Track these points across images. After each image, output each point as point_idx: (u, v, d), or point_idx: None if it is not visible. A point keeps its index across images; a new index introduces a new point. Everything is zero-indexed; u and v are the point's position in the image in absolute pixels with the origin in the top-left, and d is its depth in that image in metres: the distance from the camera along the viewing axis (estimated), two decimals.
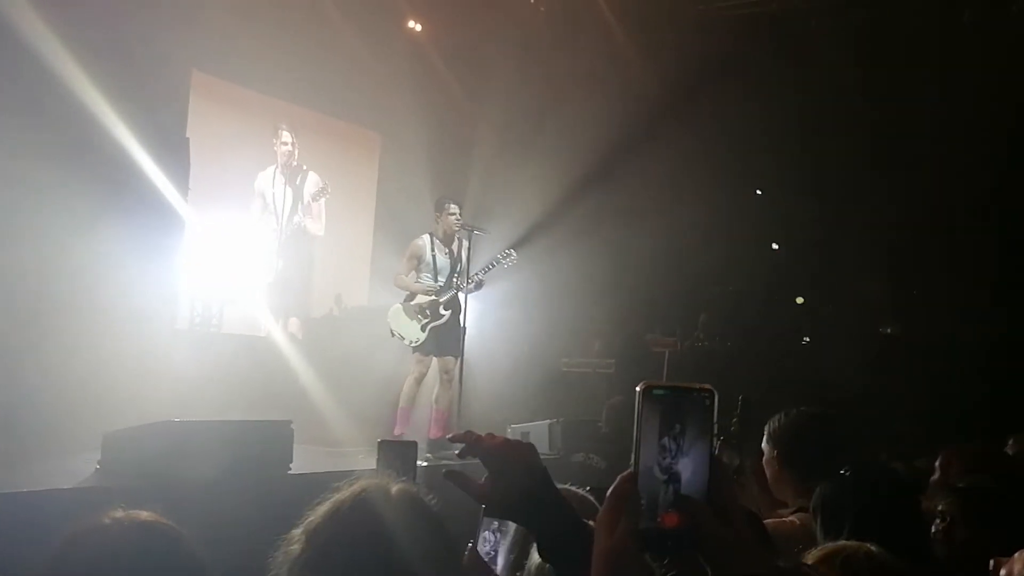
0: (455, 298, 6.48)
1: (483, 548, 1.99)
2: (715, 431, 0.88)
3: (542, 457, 1.43)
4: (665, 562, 0.89)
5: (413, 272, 6.56)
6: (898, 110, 8.81)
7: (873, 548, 1.63)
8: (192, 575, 1.54)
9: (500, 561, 1.99)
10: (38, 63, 5.02)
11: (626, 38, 8.85)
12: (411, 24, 8.57)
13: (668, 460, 0.86)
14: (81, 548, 1.48)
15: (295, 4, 7.36)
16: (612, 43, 8.86)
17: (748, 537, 0.87)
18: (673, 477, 0.86)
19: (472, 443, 1.32)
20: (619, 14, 8.74)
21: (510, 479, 1.30)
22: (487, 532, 2.07)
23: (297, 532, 1.43)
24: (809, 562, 1.61)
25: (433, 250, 6.57)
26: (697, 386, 0.88)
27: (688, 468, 0.86)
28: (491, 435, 1.34)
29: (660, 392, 0.88)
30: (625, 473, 0.87)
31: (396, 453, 1.78)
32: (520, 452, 1.33)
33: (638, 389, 0.87)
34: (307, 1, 7.39)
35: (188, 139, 6.40)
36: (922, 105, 8.60)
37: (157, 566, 1.49)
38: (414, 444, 1.87)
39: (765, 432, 2.76)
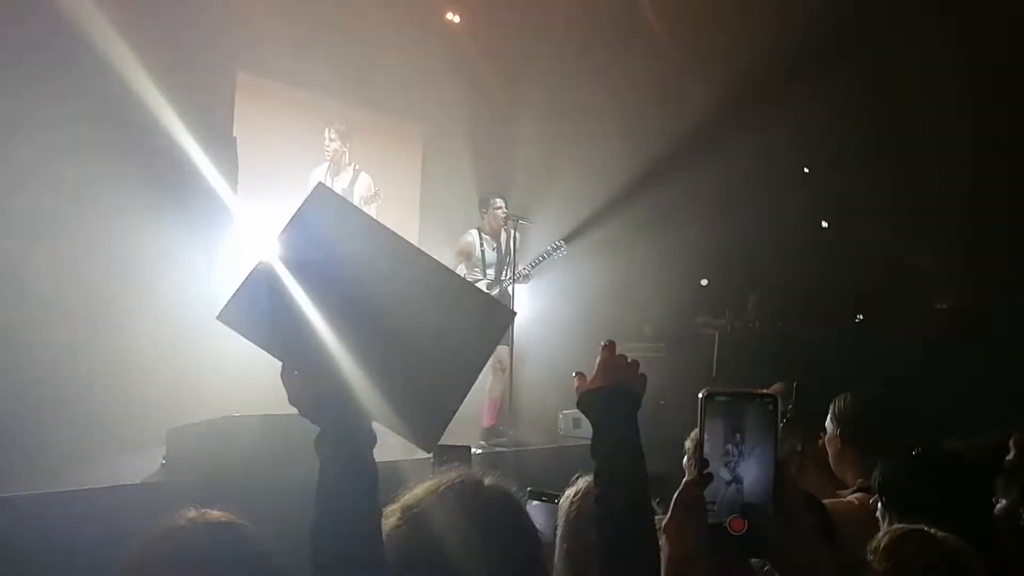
0: (505, 290, 6.52)
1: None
2: (778, 435, 0.88)
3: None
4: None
5: (462, 267, 6.63)
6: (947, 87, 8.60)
7: (939, 534, 1.60)
8: (266, 573, 1.58)
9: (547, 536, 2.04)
10: (95, 61, 5.14)
11: (664, 27, 8.75)
12: (450, 16, 8.57)
13: (732, 464, 0.87)
14: (158, 551, 1.52)
15: (331, 0, 7.40)
16: (651, 32, 8.76)
17: (815, 542, 0.89)
18: (737, 480, 0.87)
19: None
20: (656, 1, 8.64)
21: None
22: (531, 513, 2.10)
23: (393, 507, 1.46)
24: (876, 546, 1.60)
25: (482, 245, 6.65)
26: (760, 392, 0.90)
27: (752, 472, 0.87)
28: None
29: (723, 399, 0.89)
30: (690, 479, 0.89)
31: (452, 456, 1.83)
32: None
33: (700, 396, 0.88)
34: None
35: (235, 138, 6.50)
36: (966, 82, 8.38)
37: (233, 566, 1.53)
38: (467, 449, 1.91)
39: (830, 410, 2.76)
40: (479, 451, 5.91)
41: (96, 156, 4.99)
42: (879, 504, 2.12)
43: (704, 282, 10.28)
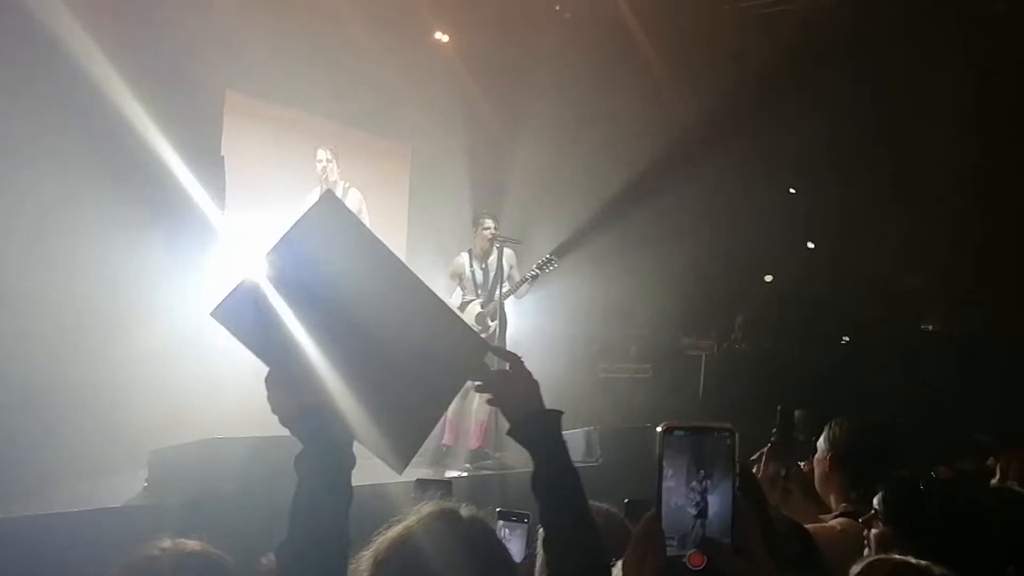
0: (500, 308, 6.55)
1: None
2: (736, 469, 0.89)
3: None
4: None
5: (458, 290, 6.69)
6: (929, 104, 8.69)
7: (921, 564, 1.59)
8: None
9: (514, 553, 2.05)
10: (83, 81, 5.14)
11: (652, 45, 8.82)
12: (437, 36, 8.62)
13: (694, 500, 0.88)
14: None
15: (320, 20, 7.42)
16: (637, 51, 8.83)
17: (770, 574, 0.89)
18: (700, 515, 0.88)
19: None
20: (644, 19, 8.71)
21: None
22: (502, 534, 2.11)
23: (365, 554, 1.45)
24: (856, 571, 1.60)
25: (472, 266, 6.68)
26: (717, 426, 0.90)
27: (713, 507, 0.88)
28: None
29: (681, 433, 0.89)
30: (649, 513, 0.89)
31: (433, 490, 1.83)
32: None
33: (659, 430, 0.89)
34: (332, 16, 7.45)
35: (223, 157, 6.50)
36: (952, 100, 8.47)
37: None
38: (449, 483, 1.92)
39: (824, 432, 2.78)
40: (465, 474, 5.89)
41: (81, 174, 4.98)
42: (871, 528, 2.12)
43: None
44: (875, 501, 2.18)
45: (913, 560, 1.60)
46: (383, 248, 1.53)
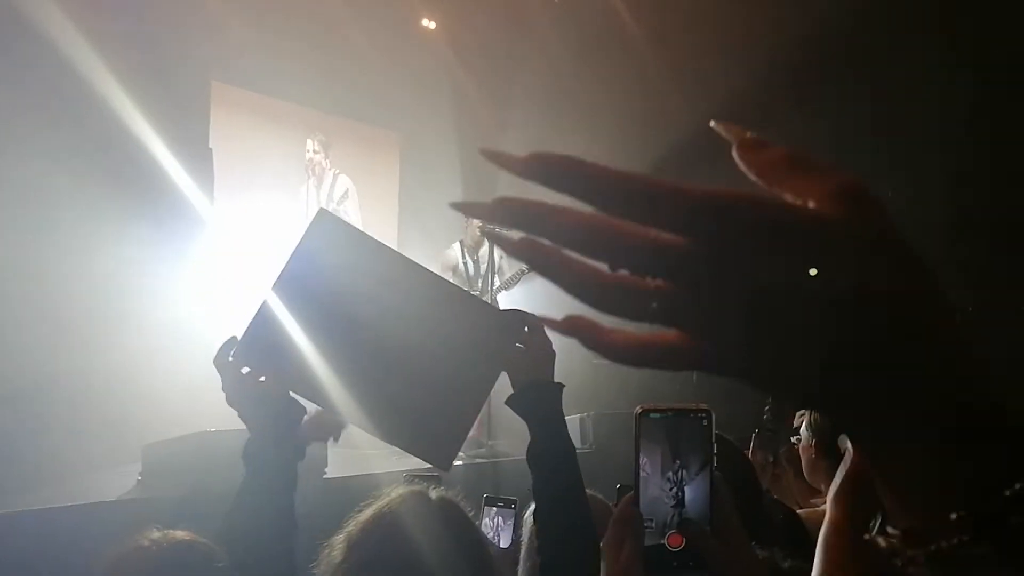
0: (493, 301, 6.54)
1: (488, 534, 2.05)
2: (714, 450, 0.90)
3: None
4: None
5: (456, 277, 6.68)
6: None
7: None
8: None
9: (501, 545, 2.06)
10: (68, 73, 5.11)
11: (644, 30, 8.78)
12: (425, 22, 8.58)
13: (672, 481, 0.89)
14: (123, 571, 1.52)
15: (306, 8, 7.39)
16: (628, 35, 8.80)
17: (749, 556, 0.91)
18: (679, 498, 0.88)
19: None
20: (635, 3, 8.68)
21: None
22: (490, 520, 2.12)
23: (338, 539, 1.46)
24: None
25: (464, 258, 6.65)
26: (694, 406, 0.90)
27: (691, 489, 0.89)
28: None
29: (657, 415, 0.90)
30: (627, 496, 0.90)
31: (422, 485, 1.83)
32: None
33: (636, 412, 0.90)
34: (318, 4, 7.42)
35: (211, 149, 6.48)
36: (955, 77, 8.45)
37: None
38: (438, 478, 1.92)
39: (805, 419, 2.77)
40: (460, 463, 5.90)
41: (68, 168, 4.95)
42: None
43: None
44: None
45: None
46: (389, 251, 1.52)
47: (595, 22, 8.75)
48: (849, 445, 1.00)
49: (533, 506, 1.98)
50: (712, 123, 0.59)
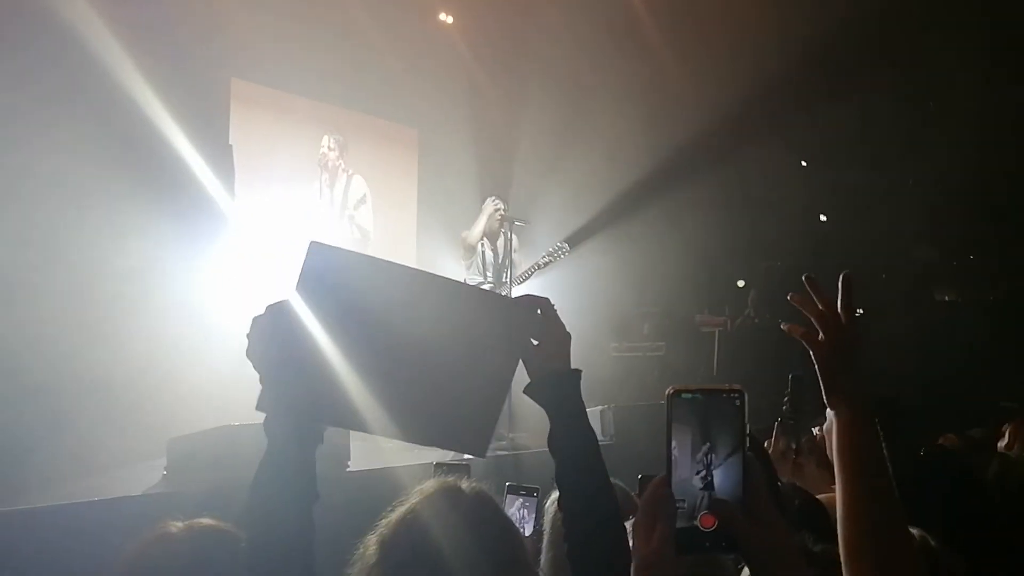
0: (510, 292, 6.54)
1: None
2: (748, 430, 0.89)
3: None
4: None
5: (474, 264, 6.69)
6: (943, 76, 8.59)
7: (924, 537, 1.60)
8: None
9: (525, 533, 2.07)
10: (91, 72, 5.16)
11: (659, 23, 8.74)
12: (442, 16, 8.58)
13: (703, 463, 0.88)
14: (149, 557, 1.53)
15: (324, 5, 7.40)
16: (645, 28, 8.76)
17: (782, 535, 0.89)
18: (709, 479, 0.88)
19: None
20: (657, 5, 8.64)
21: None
22: (512, 508, 2.13)
23: (372, 539, 1.46)
24: None
25: (483, 246, 6.66)
26: (727, 387, 0.90)
27: (723, 470, 0.88)
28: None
29: (689, 396, 0.89)
30: (658, 478, 0.89)
31: (452, 475, 1.84)
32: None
33: (667, 393, 0.89)
34: (335, 1, 7.43)
35: (231, 146, 6.51)
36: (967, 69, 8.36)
37: (220, 569, 1.54)
38: (467, 467, 1.92)
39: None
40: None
41: (92, 164, 4.99)
42: None
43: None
44: None
45: (925, 537, 1.61)
46: (388, 264, 1.52)
47: (611, 14, 8.71)
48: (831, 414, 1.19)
49: (556, 494, 1.98)
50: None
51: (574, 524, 1.40)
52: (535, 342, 1.50)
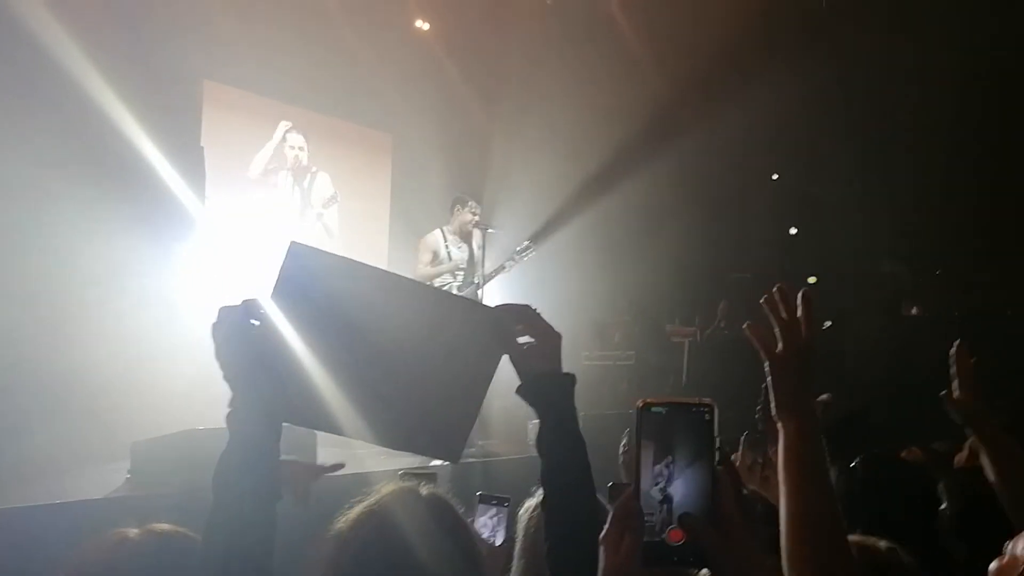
0: (474, 294, 6.50)
1: (482, 532, 2.05)
2: (717, 444, 0.89)
3: None
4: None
5: (427, 267, 6.60)
6: (916, 88, 8.71)
7: (882, 544, 1.62)
8: None
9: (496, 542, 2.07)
10: (58, 74, 5.08)
11: (634, 31, 8.80)
12: (419, 24, 8.58)
13: (666, 469, 0.87)
14: (103, 563, 1.50)
15: (301, 8, 7.38)
16: (621, 36, 8.82)
17: (750, 550, 0.89)
18: (672, 487, 0.87)
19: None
20: (627, 5, 8.70)
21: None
22: (484, 518, 2.12)
23: (328, 535, 1.45)
24: None
25: (447, 245, 6.60)
26: (696, 401, 0.89)
27: (688, 483, 0.87)
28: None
29: (658, 409, 0.89)
30: (627, 491, 0.89)
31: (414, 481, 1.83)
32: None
33: (637, 406, 0.89)
34: (312, 4, 7.41)
35: (203, 148, 6.45)
36: (943, 79, 8.48)
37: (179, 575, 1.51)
38: (434, 474, 1.92)
39: None
40: (448, 462, 5.87)
41: (58, 167, 4.93)
42: None
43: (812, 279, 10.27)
44: None
45: (872, 541, 1.63)
46: (367, 267, 1.51)
47: (587, 22, 8.77)
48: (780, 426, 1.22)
49: (529, 502, 1.97)
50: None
51: (556, 524, 1.41)
52: (522, 341, 1.51)
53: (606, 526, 0.90)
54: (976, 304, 8.74)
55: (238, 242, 7.14)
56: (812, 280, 10.27)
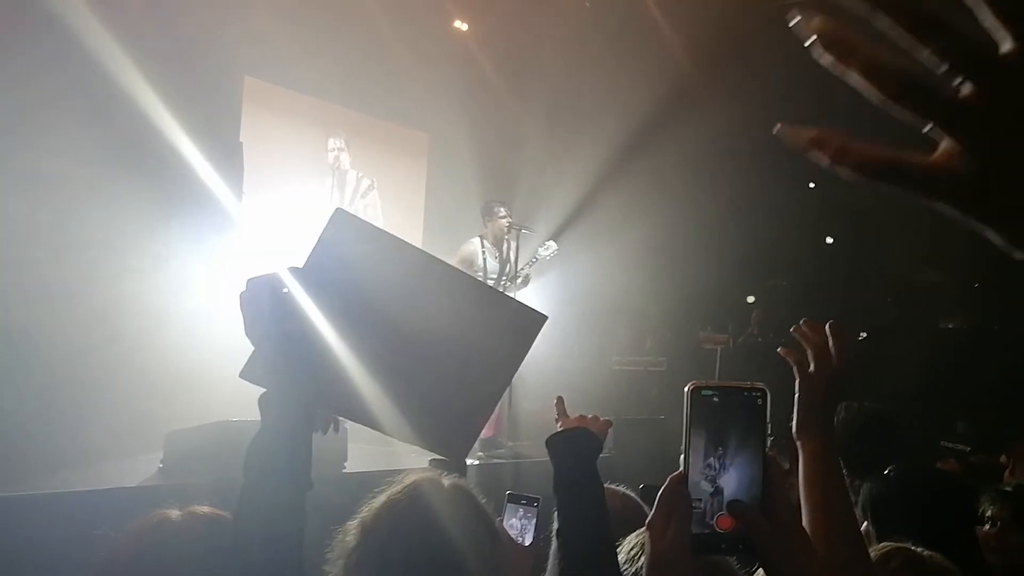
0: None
1: (511, 532, 2.05)
2: (769, 431, 0.87)
3: None
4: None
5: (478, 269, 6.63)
6: None
7: (925, 552, 1.60)
8: (253, 565, 1.58)
9: (525, 542, 2.07)
10: (99, 71, 5.16)
11: (673, 33, 8.75)
12: (457, 24, 8.61)
13: (718, 461, 0.85)
14: (143, 542, 1.53)
15: (341, 7, 7.42)
16: (658, 39, 8.77)
17: (802, 540, 0.86)
18: (723, 478, 0.85)
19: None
20: (667, 7, 8.65)
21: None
22: (514, 519, 2.12)
23: (352, 524, 1.47)
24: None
25: (484, 254, 6.62)
26: (748, 385, 0.87)
27: (739, 469, 0.85)
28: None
29: (708, 392, 0.86)
30: (675, 474, 0.86)
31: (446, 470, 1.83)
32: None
33: (686, 390, 0.86)
34: (352, 4, 7.45)
35: (242, 144, 6.52)
36: None
37: (215, 556, 1.53)
38: (464, 467, 1.92)
39: None
40: (477, 462, 5.90)
41: (100, 161, 5.00)
42: (865, 523, 2.11)
43: (751, 299, 10.22)
44: (860, 494, 2.19)
45: (913, 547, 1.61)
46: (408, 246, 1.50)
47: (625, 24, 8.73)
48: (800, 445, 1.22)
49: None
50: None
51: (570, 559, 1.43)
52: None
53: (652, 511, 0.87)
54: (1013, 316, 8.58)
55: (276, 239, 7.20)
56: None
